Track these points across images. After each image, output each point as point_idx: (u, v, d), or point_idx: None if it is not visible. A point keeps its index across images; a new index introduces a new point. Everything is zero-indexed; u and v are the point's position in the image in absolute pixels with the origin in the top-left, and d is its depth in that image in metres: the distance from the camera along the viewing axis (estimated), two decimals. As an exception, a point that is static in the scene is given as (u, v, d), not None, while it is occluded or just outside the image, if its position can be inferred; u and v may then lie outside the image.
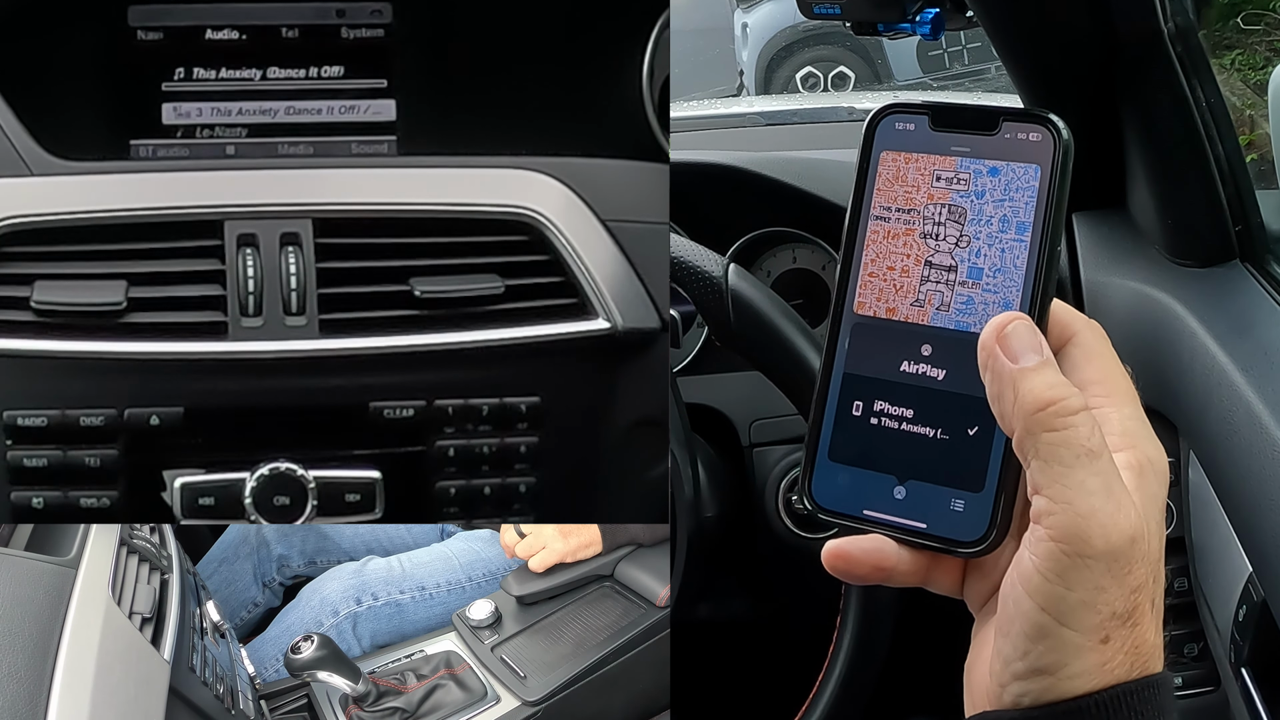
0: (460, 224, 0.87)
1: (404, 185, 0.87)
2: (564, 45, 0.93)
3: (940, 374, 0.44)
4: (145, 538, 0.92)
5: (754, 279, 0.95)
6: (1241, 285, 0.92)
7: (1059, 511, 0.39)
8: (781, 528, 1.15)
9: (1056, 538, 0.39)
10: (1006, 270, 0.43)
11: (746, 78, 5.68)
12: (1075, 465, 0.39)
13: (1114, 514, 0.39)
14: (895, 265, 0.45)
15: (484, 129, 0.91)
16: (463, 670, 1.19)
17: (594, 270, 0.88)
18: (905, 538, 0.43)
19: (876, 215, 0.45)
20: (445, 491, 0.90)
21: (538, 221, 0.87)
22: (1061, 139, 0.43)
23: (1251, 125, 1.76)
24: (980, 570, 0.44)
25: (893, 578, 0.44)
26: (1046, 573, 0.39)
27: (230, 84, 0.88)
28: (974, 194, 0.44)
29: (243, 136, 0.89)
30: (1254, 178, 0.95)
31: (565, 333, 0.88)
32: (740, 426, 1.20)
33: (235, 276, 0.84)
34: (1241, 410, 0.80)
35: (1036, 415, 0.39)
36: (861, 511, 0.44)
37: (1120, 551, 0.39)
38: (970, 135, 0.44)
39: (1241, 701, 0.85)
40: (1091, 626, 0.39)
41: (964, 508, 0.43)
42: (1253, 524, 0.80)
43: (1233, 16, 2.36)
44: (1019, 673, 0.40)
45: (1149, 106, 0.92)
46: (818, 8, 0.90)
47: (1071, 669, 0.39)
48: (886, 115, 0.46)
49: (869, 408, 0.45)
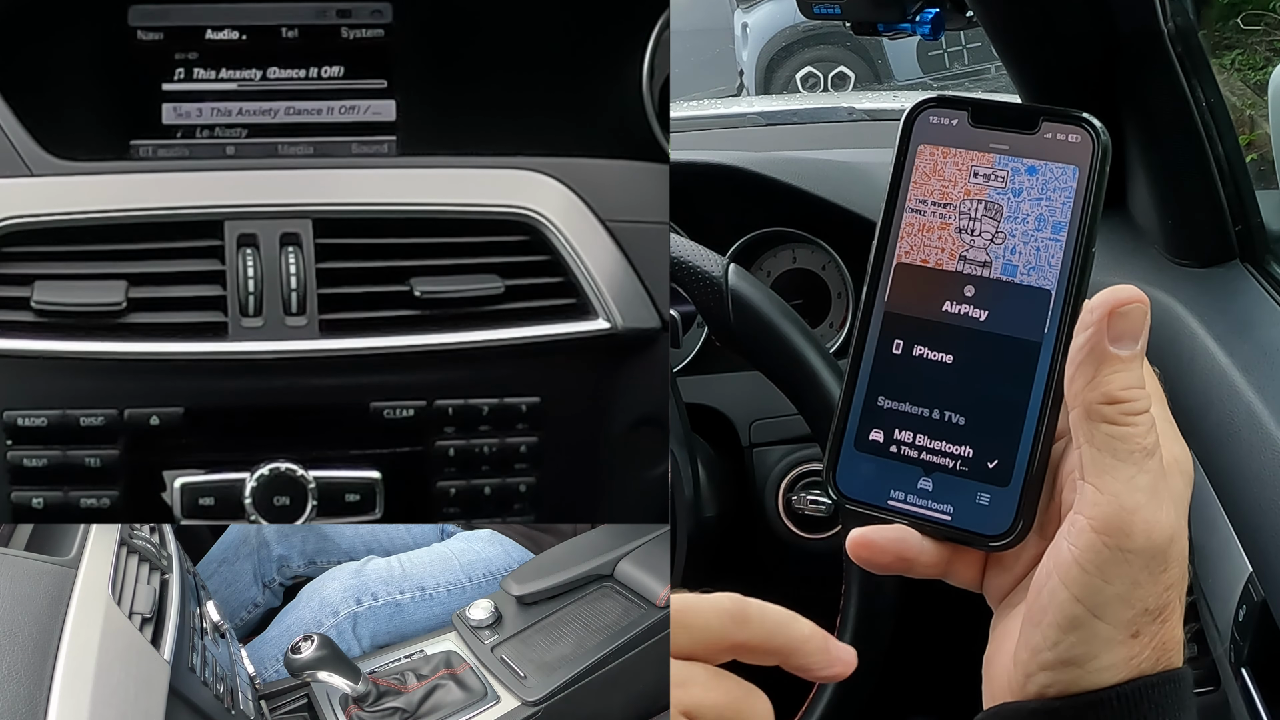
0: (460, 224, 0.87)
1: (404, 185, 0.87)
2: (564, 45, 0.93)
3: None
4: (145, 538, 0.92)
5: (754, 279, 0.95)
6: (1241, 285, 0.92)
7: (1105, 503, 0.39)
8: (781, 528, 1.15)
9: (1099, 529, 0.39)
10: (1041, 269, 0.43)
11: (746, 78, 5.68)
12: (1128, 461, 0.39)
13: (1156, 512, 0.39)
14: (930, 259, 0.45)
15: (484, 129, 0.91)
16: (463, 670, 1.19)
17: (594, 270, 0.88)
18: (929, 529, 0.44)
19: (912, 208, 0.45)
20: (445, 491, 0.90)
21: (538, 222, 0.87)
22: (1100, 141, 0.43)
23: (1251, 125, 1.76)
24: (1001, 564, 0.44)
25: (914, 568, 0.44)
26: (1086, 564, 0.39)
27: (230, 84, 0.88)
28: (1011, 191, 0.44)
29: (243, 137, 0.89)
30: (1254, 178, 0.95)
31: (565, 333, 0.88)
32: (740, 426, 1.20)
33: (235, 277, 0.84)
34: (1242, 411, 0.80)
35: (1102, 406, 0.40)
36: (886, 501, 0.44)
37: (1160, 549, 0.39)
38: (1009, 133, 0.44)
39: (1241, 701, 0.85)
40: (1124, 621, 0.39)
41: (989, 501, 0.43)
42: (1253, 524, 0.80)
43: (1233, 16, 2.36)
44: (1047, 663, 0.40)
45: (1149, 106, 0.92)
46: (818, 8, 0.90)
47: (1100, 661, 0.39)
48: (925, 109, 0.46)
49: (899, 400, 0.45)
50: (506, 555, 1.47)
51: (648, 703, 1.19)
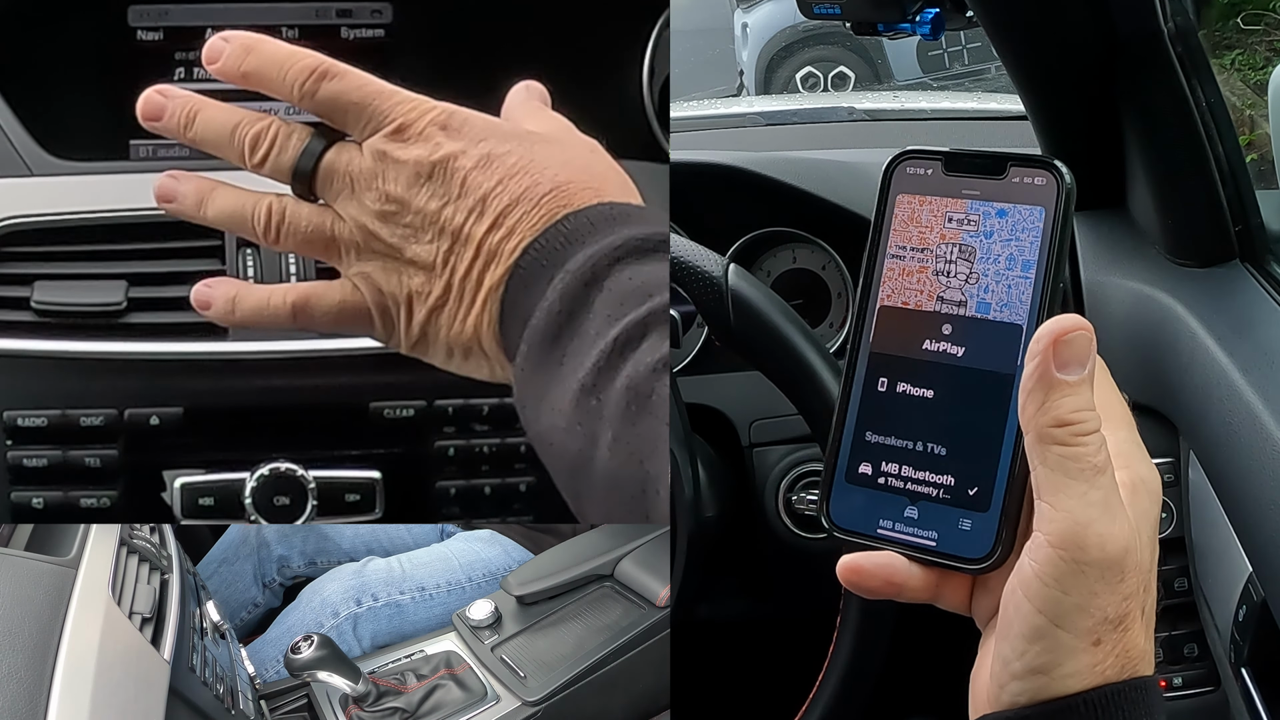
0: (460, 224, 0.87)
1: (404, 185, 0.86)
2: (564, 45, 0.93)
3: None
4: (145, 538, 0.92)
5: (754, 279, 0.95)
6: (1241, 285, 0.92)
7: (1060, 519, 0.41)
8: (781, 528, 1.15)
9: (1056, 544, 0.41)
10: (1013, 305, 0.45)
11: (746, 78, 5.68)
12: (1079, 478, 0.41)
13: (1110, 525, 0.41)
14: (910, 301, 0.47)
15: (484, 129, 0.91)
16: (463, 670, 1.19)
17: (594, 270, 0.87)
18: (915, 554, 0.46)
19: (893, 254, 0.48)
20: (445, 491, 0.90)
21: (538, 221, 0.87)
22: (1065, 183, 0.45)
23: (1251, 125, 1.76)
24: (986, 587, 0.46)
25: (904, 593, 0.46)
26: (1045, 577, 0.41)
27: (230, 84, 0.88)
28: (983, 234, 0.46)
29: (243, 136, 0.89)
30: (1254, 178, 0.95)
31: (565, 333, 0.87)
32: (740, 426, 1.19)
33: (235, 276, 0.84)
34: (1241, 411, 0.81)
35: (1053, 430, 0.41)
36: (875, 530, 0.47)
37: (1114, 560, 0.41)
38: (980, 179, 0.47)
39: (1241, 701, 0.85)
40: (1085, 629, 0.41)
41: (971, 526, 0.45)
42: (1253, 524, 0.80)
43: (1233, 16, 2.36)
44: (1016, 672, 0.42)
45: (1149, 106, 0.92)
46: (818, 8, 0.90)
47: (1065, 669, 0.41)
48: (902, 161, 0.48)
49: (885, 434, 0.47)
50: (506, 555, 1.47)
51: (648, 703, 1.19)
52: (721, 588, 1.20)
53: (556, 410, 0.48)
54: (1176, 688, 0.93)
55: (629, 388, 0.46)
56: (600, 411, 0.46)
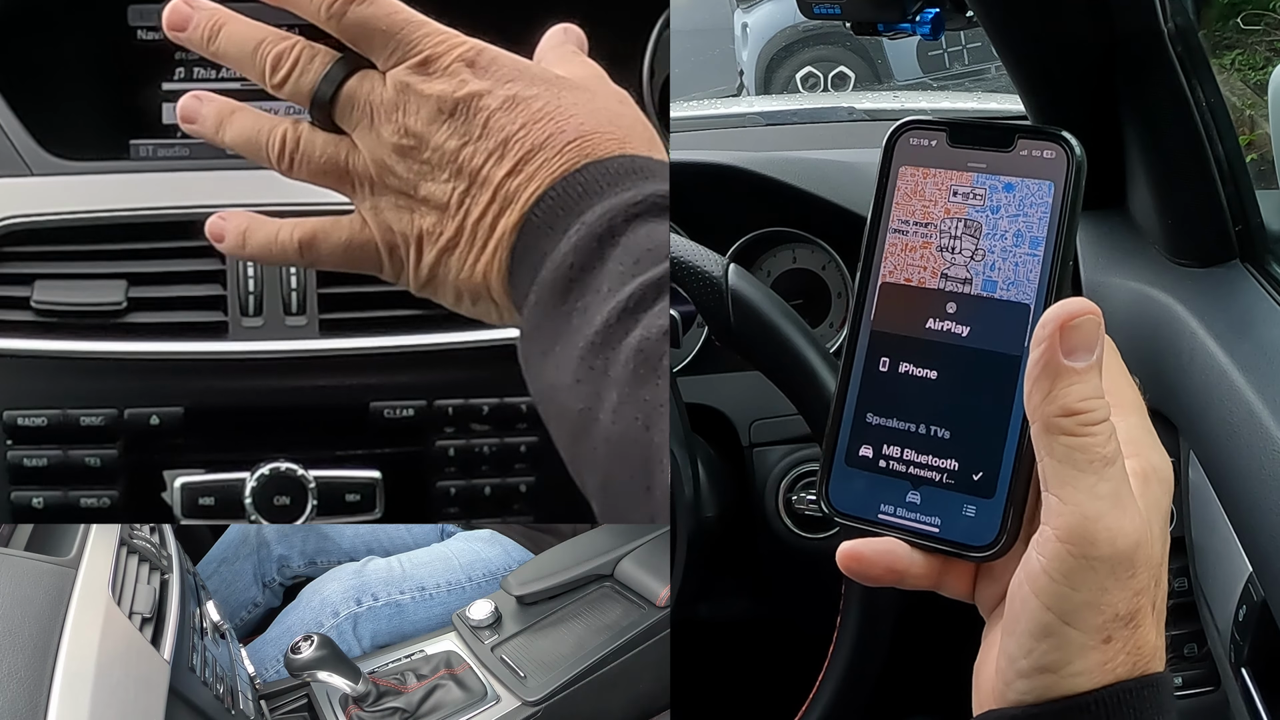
0: (460, 224, 0.87)
1: (404, 185, 0.86)
2: (564, 45, 0.93)
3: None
4: (145, 538, 0.92)
5: (754, 279, 0.95)
6: (1241, 285, 0.92)
7: (1068, 513, 0.40)
8: (781, 528, 1.15)
9: (1064, 539, 0.39)
10: (1020, 284, 0.44)
11: (746, 78, 5.67)
12: (1088, 470, 0.40)
13: (1120, 519, 0.40)
14: (913, 278, 0.45)
15: (484, 129, 0.91)
16: (463, 670, 1.19)
17: (594, 270, 0.87)
18: (917, 541, 0.44)
19: (895, 229, 0.46)
20: (445, 491, 0.90)
21: (538, 221, 0.87)
22: (1075, 156, 0.43)
23: (1251, 125, 1.76)
24: (991, 575, 0.44)
25: (905, 580, 0.44)
26: (1053, 573, 0.40)
27: (231, 84, 0.88)
28: (989, 209, 0.45)
29: (243, 136, 0.89)
30: (1254, 178, 0.94)
31: (565, 333, 0.87)
32: (740, 426, 1.19)
33: (235, 276, 0.84)
34: (1241, 410, 0.80)
35: (1060, 419, 0.40)
36: (876, 515, 0.45)
37: (1125, 555, 0.40)
38: (987, 152, 0.45)
39: (1241, 701, 0.85)
40: (1095, 626, 0.40)
41: (975, 513, 0.43)
42: (1253, 524, 0.80)
43: (1233, 16, 2.36)
44: (1023, 670, 0.41)
45: (1149, 106, 0.92)
46: (818, 8, 0.90)
47: (1074, 667, 0.40)
48: (905, 131, 0.46)
49: (886, 416, 0.46)
50: (506, 555, 1.47)
51: (648, 703, 1.19)
52: (721, 588, 1.20)
53: (561, 367, 0.46)
54: (1176, 687, 0.93)
55: (639, 350, 0.44)
56: (606, 370, 0.44)
